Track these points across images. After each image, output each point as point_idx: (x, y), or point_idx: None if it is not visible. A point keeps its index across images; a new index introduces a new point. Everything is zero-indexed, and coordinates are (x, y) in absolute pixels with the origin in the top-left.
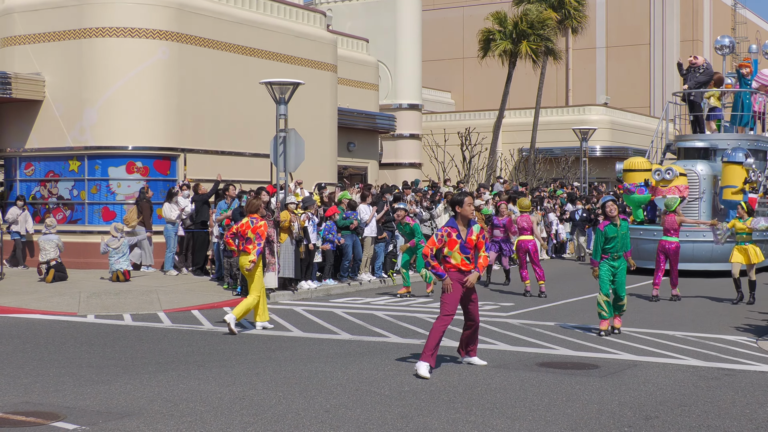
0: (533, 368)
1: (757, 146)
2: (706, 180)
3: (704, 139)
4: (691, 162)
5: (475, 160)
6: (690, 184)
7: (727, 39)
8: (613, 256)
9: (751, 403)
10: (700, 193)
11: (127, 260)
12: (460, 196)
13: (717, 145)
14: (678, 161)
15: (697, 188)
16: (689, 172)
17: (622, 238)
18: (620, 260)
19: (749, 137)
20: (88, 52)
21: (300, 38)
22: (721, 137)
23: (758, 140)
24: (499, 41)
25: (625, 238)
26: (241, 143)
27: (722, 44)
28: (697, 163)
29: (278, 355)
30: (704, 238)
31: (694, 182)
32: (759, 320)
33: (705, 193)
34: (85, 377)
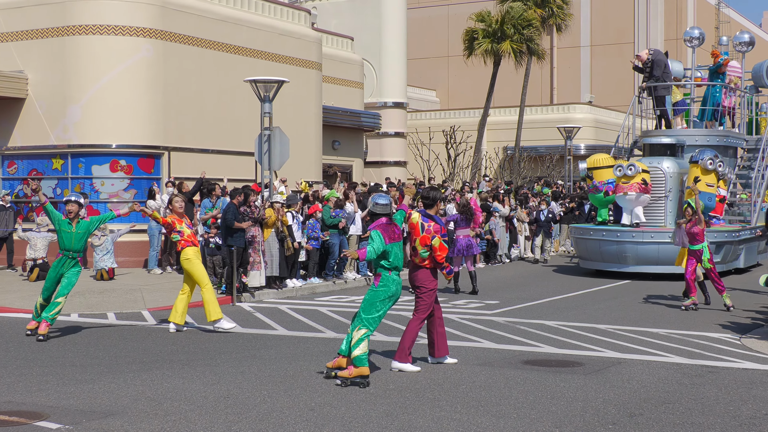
0: (518, 366)
1: (727, 142)
2: (672, 178)
3: (671, 135)
4: (657, 159)
5: (460, 159)
6: (656, 182)
7: (697, 31)
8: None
9: (734, 400)
10: (666, 191)
11: (111, 258)
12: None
13: (684, 141)
14: (643, 158)
15: (663, 186)
16: (655, 170)
17: None
18: None
19: (718, 133)
20: (71, 50)
21: (285, 36)
22: (688, 133)
23: (728, 136)
24: (482, 40)
25: None
26: (226, 141)
27: (691, 36)
28: (664, 159)
29: (263, 354)
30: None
31: (660, 180)
32: (743, 318)
33: (671, 191)
34: (68, 376)
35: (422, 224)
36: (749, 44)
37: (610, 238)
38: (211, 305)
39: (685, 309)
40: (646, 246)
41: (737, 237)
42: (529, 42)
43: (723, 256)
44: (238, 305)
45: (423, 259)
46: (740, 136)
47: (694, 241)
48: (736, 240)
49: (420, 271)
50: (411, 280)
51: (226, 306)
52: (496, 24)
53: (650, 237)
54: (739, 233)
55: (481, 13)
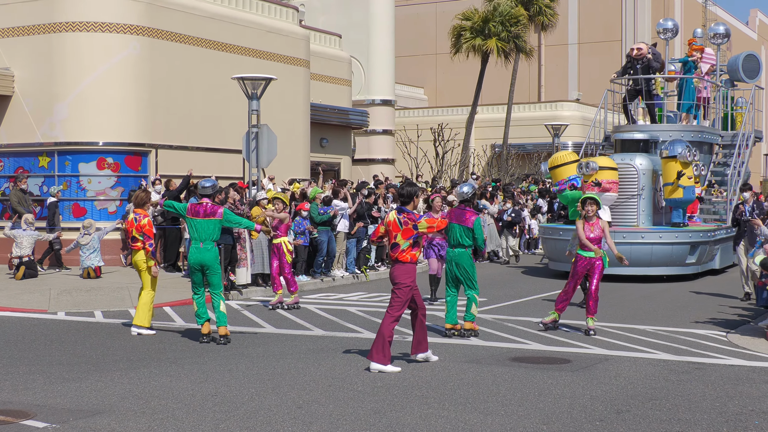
0: (506, 363)
1: (702, 138)
2: (645, 175)
3: (644, 130)
4: (629, 155)
5: (448, 156)
6: (628, 179)
7: (671, 22)
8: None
9: (720, 396)
10: (639, 189)
11: (98, 256)
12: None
13: (658, 136)
14: (615, 154)
15: (635, 184)
16: (627, 167)
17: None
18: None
19: (693, 128)
20: (58, 47)
21: (272, 33)
22: (662, 128)
23: (703, 131)
24: (470, 37)
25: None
26: (214, 139)
27: (665, 27)
28: (636, 156)
29: (251, 352)
30: (642, 240)
31: (632, 177)
32: (729, 314)
33: (644, 189)
34: (55, 375)
35: (398, 219)
36: (725, 36)
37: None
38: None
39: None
40: (618, 247)
41: (713, 237)
42: (517, 39)
43: (698, 257)
44: (226, 303)
45: (404, 251)
46: (715, 131)
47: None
48: (712, 240)
49: (398, 266)
50: (391, 276)
51: None
52: (483, 21)
53: (622, 237)
54: (715, 233)
55: (467, 12)
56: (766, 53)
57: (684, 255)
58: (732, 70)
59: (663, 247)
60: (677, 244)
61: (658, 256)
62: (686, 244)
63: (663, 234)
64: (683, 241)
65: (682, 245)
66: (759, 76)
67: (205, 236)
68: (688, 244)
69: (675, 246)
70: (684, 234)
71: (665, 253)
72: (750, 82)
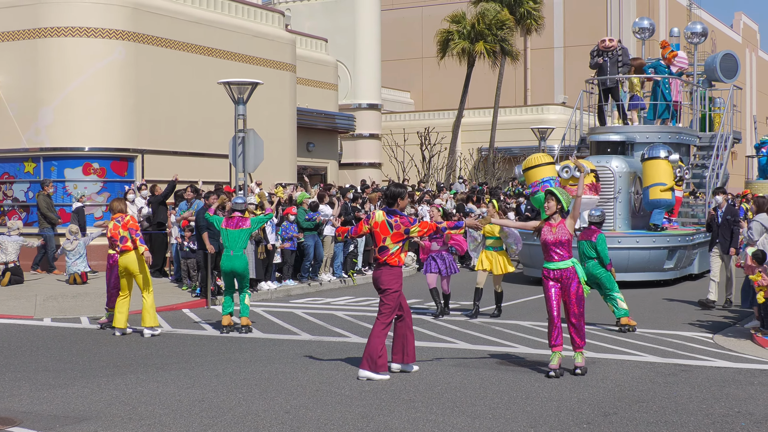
0: (493, 366)
1: (680, 140)
2: (622, 178)
3: (620, 131)
4: (605, 157)
5: (434, 160)
6: (604, 182)
7: (646, 21)
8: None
9: (707, 398)
10: (615, 192)
11: (84, 262)
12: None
13: (635, 138)
14: (591, 156)
15: (612, 187)
16: (603, 169)
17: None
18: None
19: (670, 129)
20: (43, 52)
21: (258, 38)
22: (639, 129)
23: (680, 133)
24: (458, 40)
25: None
26: (200, 144)
27: (641, 27)
28: (612, 158)
29: (238, 357)
30: (619, 245)
31: (608, 180)
32: (715, 316)
33: (621, 192)
34: (41, 381)
35: (388, 222)
36: (701, 35)
37: None
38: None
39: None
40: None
41: (691, 241)
42: (503, 43)
43: (676, 262)
44: (213, 308)
45: (393, 254)
46: (693, 133)
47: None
48: (691, 244)
49: (385, 270)
50: (375, 281)
51: (201, 309)
52: (471, 25)
53: (617, 242)
54: (693, 237)
55: (456, 15)
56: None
57: (662, 260)
58: (709, 70)
59: (640, 252)
60: (655, 249)
61: (635, 261)
62: (664, 249)
63: (640, 238)
64: (661, 245)
65: (660, 250)
66: (737, 75)
67: (235, 245)
68: (666, 248)
69: (652, 251)
70: (662, 238)
71: (642, 258)
72: (728, 82)
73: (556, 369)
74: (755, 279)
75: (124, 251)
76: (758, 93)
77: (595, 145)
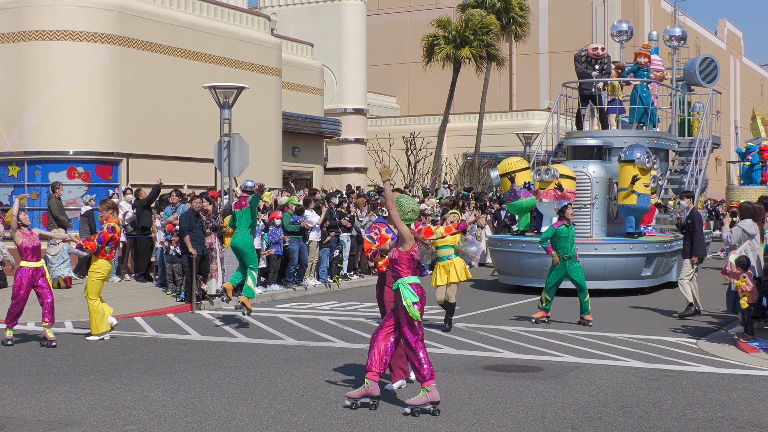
0: (478, 371)
1: (658, 144)
2: (599, 183)
3: (597, 136)
4: (582, 162)
5: (420, 165)
6: (581, 188)
7: (625, 24)
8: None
9: (691, 403)
10: (592, 198)
11: (69, 266)
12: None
13: (612, 143)
14: (568, 161)
15: (588, 192)
16: (579, 174)
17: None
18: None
19: (649, 134)
20: (28, 56)
21: (244, 42)
22: (616, 134)
23: (659, 138)
24: (443, 45)
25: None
26: (185, 148)
27: (619, 30)
28: (589, 163)
29: (223, 362)
30: (596, 252)
31: (585, 185)
32: (699, 322)
33: (598, 198)
34: (25, 386)
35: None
36: (680, 39)
37: (530, 250)
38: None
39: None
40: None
41: (669, 248)
42: (489, 48)
43: (654, 270)
44: (198, 313)
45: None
46: (672, 137)
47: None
48: (669, 251)
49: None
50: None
51: (185, 314)
52: (456, 30)
53: (594, 249)
54: (671, 244)
55: (441, 20)
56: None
57: (639, 267)
58: (688, 74)
59: (617, 259)
60: (632, 256)
61: (612, 268)
62: (641, 256)
63: (617, 245)
64: (638, 252)
65: (638, 257)
66: (716, 80)
67: (240, 224)
68: (644, 255)
69: (630, 258)
70: (639, 245)
71: (619, 265)
72: (707, 87)
73: (356, 399)
74: (739, 284)
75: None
76: (742, 99)
77: (572, 150)
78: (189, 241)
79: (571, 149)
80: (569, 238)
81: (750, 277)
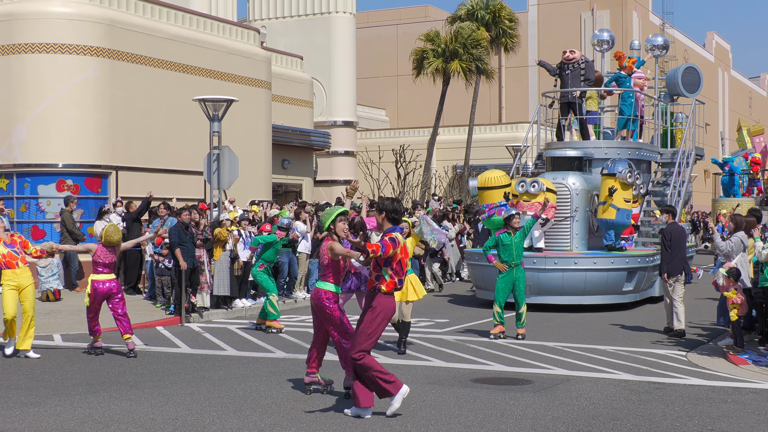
0: (468, 384)
1: (640, 156)
2: (579, 195)
3: (577, 146)
4: (561, 174)
5: (409, 177)
6: (560, 201)
7: (606, 33)
8: (510, 265)
9: (681, 416)
10: (572, 211)
11: (58, 279)
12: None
13: (592, 154)
14: (547, 173)
15: (568, 205)
16: (559, 186)
17: (517, 247)
18: (518, 269)
19: (630, 145)
20: (17, 68)
21: (234, 55)
22: (596, 145)
23: (640, 149)
24: (432, 59)
25: (519, 246)
26: (175, 160)
27: (600, 39)
28: (569, 175)
29: (212, 375)
30: (576, 266)
31: (565, 198)
32: (688, 334)
33: (578, 211)
34: (13, 399)
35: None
36: (663, 48)
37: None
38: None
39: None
40: (549, 274)
41: (651, 262)
42: (478, 61)
43: (636, 284)
44: (187, 326)
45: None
46: (654, 148)
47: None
48: (651, 265)
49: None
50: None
51: (174, 326)
52: (446, 44)
53: (554, 263)
54: (654, 257)
55: (430, 33)
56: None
57: (621, 282)
58: (671, 84)
59: (598, 273)
60: (613, 271)
61: (592, 283)
62: (623, 271)
63: (598, 259)
64: (620, 267)
65: (619, 271)
66: (699, 90)
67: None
68: (625, 270)
69: (611, 272)
70: (620, 259)
71: (600, 280)
72: (690, 97)
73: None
74: (729, 296)
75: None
76: (730, 112)
77: (552, 161)
78: (180, 255)
79: (551, 160)
80: (512, 245)
81: (740, 289)
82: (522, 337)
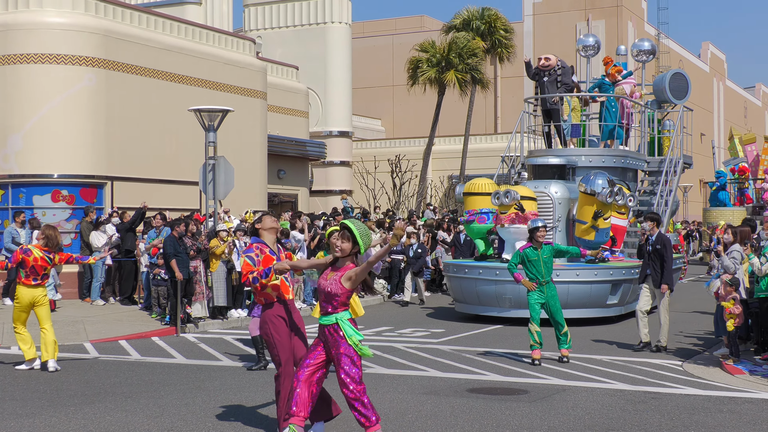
0: (464, 394)
1: (625, 164)
2: (561, 204)
3: (560, 154)
4: (543, 182)
5: (405, 187)
6: (542, 210)
7: (592, 38)
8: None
9: (677, 425)
10: (554, 221)
11: (53, 289)
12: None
13: (576, 162)
14: (529, 182)
15: (550, 214)
16: (541, 195)
17: (546, 263)
18: (549, 286)
19: (616, 152)
20: (12, 79)
21: (229, 65)
22: (580, 152)
23: (626, 157)
24: (427, 69)
25: (548, 262)
26: (170, 171)
27: (585, 44)
28: (551, 183)
29: (208, 385)
30: (557, 278)
31: (547, 207)
32: (684, 344)
33: (560, 220)
34: (8, 410)
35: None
36: (650, 53)
37: (487, 276)
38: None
39: None
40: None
41: (636, 274)
42: (474, 71)
43: (621, 297)
44: (183, 336)
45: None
46: (640, 156)
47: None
48: (636, 277)
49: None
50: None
51: (170, 337)
52: (441, 53)
53: (556, 275)
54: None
55: (424, 44)
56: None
57: (605, 295)
58: (658, 90)
59: (580, 286)
60: (597, 283)
61: (575, 296)
62: (607, 283)
63: (580, 271)
64: (603, 279)
65: (602, 284)
66: (687, 96)
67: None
68: (609, 282)
69: (594, 285)
70: (604, 271)
71: (583, 293)
72: (678, 103)
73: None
74: (727, 306)
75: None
76: (725, 122)
77: (534, 169)
78: (176, 265)
79: (533, 168)
80: (539, 261)
81: (737, 300)
82: (567, 360)
